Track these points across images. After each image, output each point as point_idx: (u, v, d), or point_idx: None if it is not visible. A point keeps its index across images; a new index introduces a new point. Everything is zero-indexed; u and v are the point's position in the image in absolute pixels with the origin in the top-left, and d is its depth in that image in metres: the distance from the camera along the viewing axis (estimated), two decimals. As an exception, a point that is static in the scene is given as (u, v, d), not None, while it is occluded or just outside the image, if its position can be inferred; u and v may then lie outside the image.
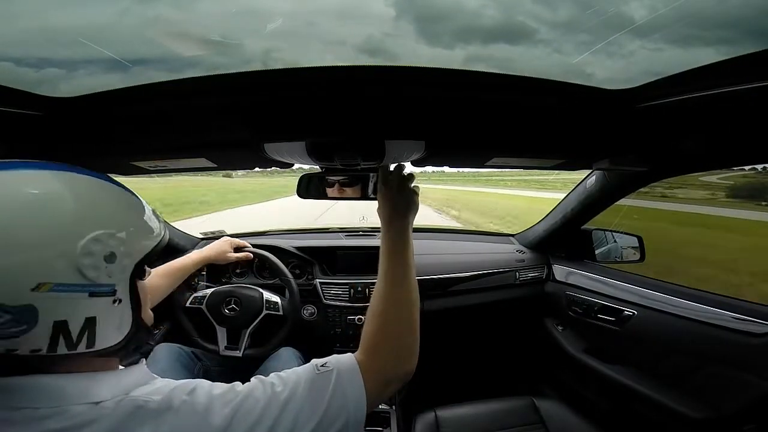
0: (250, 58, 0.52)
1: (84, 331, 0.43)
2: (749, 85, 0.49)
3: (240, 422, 0.45)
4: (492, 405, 1.29)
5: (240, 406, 0.46)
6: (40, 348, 0.41)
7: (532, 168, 1.14)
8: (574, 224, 1.55)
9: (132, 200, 0.51)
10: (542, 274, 1.71)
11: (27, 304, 0.39)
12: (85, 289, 0.42)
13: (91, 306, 0.43)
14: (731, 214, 7.07)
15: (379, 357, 0.56)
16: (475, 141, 0.84)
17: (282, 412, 0.47)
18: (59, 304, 0.41)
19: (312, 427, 0.47)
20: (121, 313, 0.47)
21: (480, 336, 1.87)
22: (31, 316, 0.39)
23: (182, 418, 0.44)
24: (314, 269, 1.62)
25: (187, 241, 1.76)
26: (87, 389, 0.44)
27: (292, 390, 0.49)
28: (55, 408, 0.42)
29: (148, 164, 0.96)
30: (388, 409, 1.40)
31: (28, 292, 0.38)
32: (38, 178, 0.42)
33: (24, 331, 0.39)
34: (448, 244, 1.84)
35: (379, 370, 0.55)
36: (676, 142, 0.83)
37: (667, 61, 0.52)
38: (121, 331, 0.48)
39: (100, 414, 0.42)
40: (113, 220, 0.46)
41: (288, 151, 0.91)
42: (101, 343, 0.45)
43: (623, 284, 1.36)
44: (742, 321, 1.01)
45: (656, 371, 1.24)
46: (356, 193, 1.01)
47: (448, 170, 23.46)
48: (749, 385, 0.99)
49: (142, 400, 0.44)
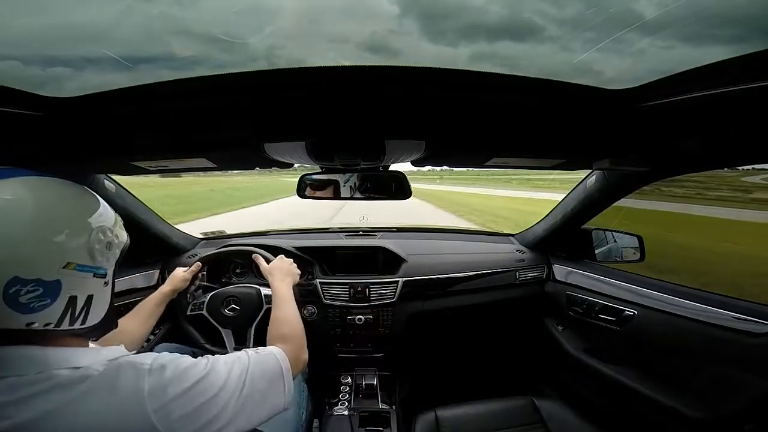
0: (253, 56, 0.53)
1: (84, 308, 0.54)
2: (750, 84, 0.49)
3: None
4: (492, 405, 1.29)
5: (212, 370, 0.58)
6: (51, 322, 0.50)
7: (533, 168, 1.14)
8: (574, 224, 1.55)
9: (105, 204, 0.62)
10: (542, 273, 1.71)
11: (56, 280, 0.49)
12: (92, 270, 0.54)
13: (92, 285, 0.55)
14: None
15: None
16: (475, 141, 0.84)
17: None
18: (76, 281, 0.52)
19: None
20: (106, 294, 0.58)
21: (480, 336, 1.87)
22: (56, 290, 0.49)
23: (168, 376, 0.53)
24: (314, 269, 1.62)
25: (188, 241, 1.76)
26: (68, 357, 0.51)
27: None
28: (40, 374, 0.48)
29: (148, 164, 0.96)
30: (388, 409, 1.40)
31: (59, 269, 0.49)
32: (49, 183, 0.54)
33: (47, 305, 0.49)
34: (448, 244, 1.84)
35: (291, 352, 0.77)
36: (677, 141, 0.83)
37: (668, 61, 0.52)
38: (102, 310, 0.58)
39: (86, 373, 0.50)
40: (108, 216, 0.60)
41: (288, 151, 0.91)
42: (90, 321, 0.55)
43: (624, 284, 1.36)
44: (742, 321, 1.01)
45: (656, 371, 1.24)
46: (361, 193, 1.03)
47: (444, 169, 23.28)
48: (749, 385, 0.99)
49: (138, 361, 0.53)
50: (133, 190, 1.38)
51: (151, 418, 0.49)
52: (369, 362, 1.62)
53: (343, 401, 1.44)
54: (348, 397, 1.47)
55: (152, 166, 0.98)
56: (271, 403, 0.65)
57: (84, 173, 1.10)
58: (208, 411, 0.54)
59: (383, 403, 1.44)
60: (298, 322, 0.92)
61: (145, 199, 1.48)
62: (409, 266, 1.62)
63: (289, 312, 0.95)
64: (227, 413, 0.56)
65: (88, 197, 0.59)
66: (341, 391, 1.50)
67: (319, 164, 1.01)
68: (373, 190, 1.06)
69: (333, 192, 1.08)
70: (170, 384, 0.52)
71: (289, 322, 0.90)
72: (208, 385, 0.55)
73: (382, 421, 1.34)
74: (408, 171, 1.09)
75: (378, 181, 1.06)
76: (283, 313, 0.94)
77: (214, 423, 0.54)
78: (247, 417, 0.60)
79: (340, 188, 1.06)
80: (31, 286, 0.47)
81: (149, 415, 0.49)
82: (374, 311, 1.56)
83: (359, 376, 1.55)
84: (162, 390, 0.51)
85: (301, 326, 0.91)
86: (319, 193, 1.09)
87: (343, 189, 1.06)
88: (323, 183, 1.08)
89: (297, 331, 0.88)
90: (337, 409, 1.39)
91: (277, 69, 0.53)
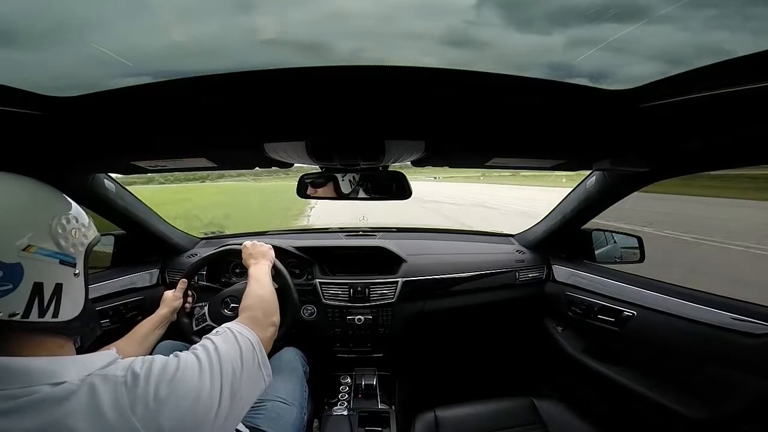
0: (339, 60, 0.52)
1: (53, 298, 0.52)
2: (751, 85, 0.49)
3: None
4: (492, 405, 1.29)
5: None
6: (17, 312, 0.48)
7: (533, 168, 1.14)
8: (573, 224, 1.55)
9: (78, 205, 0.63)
10: (542, 274, 1.70)
11: (16, 263, 0.48)
12: (57, 256, 0.53)
13: (59, 273, 0.53)
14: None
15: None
16: (475, 141, 0.84)
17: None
18: (39, 266, 0.51)
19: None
20: (78, 287, 0.57)
21: (480, 336, 1.87)
22: (18, 274, 0.48)
23: (142, 386, 0.51)
24: (314, 269, 1.62)
25: (187, 241, 1.76)
26: (52, 370, 0.49)
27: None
28: (22, 389, 0.46)
29: (148, 164, 0.96)
30: (387, 409, 1.40)
31: (18, 251, 0.48)
32: (19, 180, 0.55)
33: (9, 291, 0.48)
34: (448, 245, 1.84)
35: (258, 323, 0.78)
36: (677, 142, 0.83)
37: (669, 60, 0.51)
38: (78, 304, 0.57)
39: (68, 389, 0.47)
40: (75, 208, 0.59)
41: (288, 151, 0.91)
42: (63, 315, 0.53)
43: (623, 285, 1.36)
44: (741, 321, 1.01)
45: (656, 371, 1.24)
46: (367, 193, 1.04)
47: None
48: (749, 385, 0.99)
49: (111, 374, 0.51)
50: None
51: (141, 431, 0.47)
52: (368, 362, 1.62)
53: (343, 401, 1.44)
54: (347, 397, 1.47)
55: (152, 166, 0.98)
56: (253, 379, 0.64)
57: (84, 173, 1.11)
58: (197, 410, 0.52)
59: (383, 403, 1.44)
60: (266, 292, 0.94)
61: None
62: (409, 266, 1.62)
63: (255, 287, 0.96)
64: (214, 408, 0.54)
65: (56, 194, 0.59)
66: (341, 391, 1.50)
67: (319, 164, 1.01)
68: (373, 190, 1.06)
69: (333, 191, 1.08)
70: (148, 392, 0.50)
71: (254, 295, 0.91)
72: (188, 383, 0.54)
73: (382, 421, 1.34)
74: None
75: (378, 181, 1.06)
76: (250, 288, 0.95)
77: (206, 419, 0.53)
78: (237, 402, 0.58)
79: (340, 188, 1.07)
80: None
81: (139, 429, 0.47)
82: (374, 311, 1.56)
83: (359, 376, 1.55)
84: (143, 400, 0.49)
85: (269, 295, 0.92)
86: (319, 193, 1.09)
87: (343, 186, 1.06)
88: (323, 183, 1.08)
89: (263, 300, 0.89)
90: (337, 409, 1.39)
91: (277, 69, 0.53)
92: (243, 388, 0.60)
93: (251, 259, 1.16)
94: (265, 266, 1.12)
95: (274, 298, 0.92)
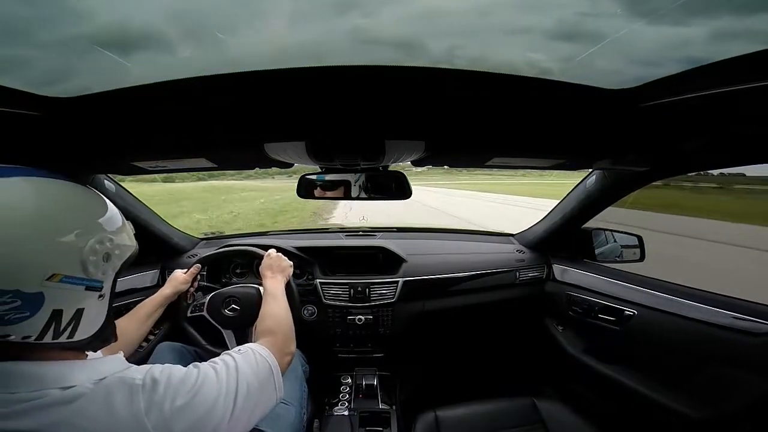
0: (436, 59, 0.50)
1: (71, 322, 0.49)
2: (751, 84, 0.49)
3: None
4: (492, 405, 1.29)
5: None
6: (31, 335, 0.46)
7: (533, 168, 1.14)
8: (574, 224, 1.55)
9: (115, 208, 0.58)
10: (542, 273, 1.70)
11: (38, 292, 0.44)
12: (83, 283, 0.49)
13: (83, 299, 0.50)
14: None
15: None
16: (475, 141, 0.84)
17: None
18: (62, 294, 0.47)
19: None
20: (101, 309, 0.54)
21: (480, 336, 1.87)
22: (37, 303, 0.45)
23: (159, 392, 0.50)
24: (314, 269, 1.62)
25: (188, 241, 1.76)
26: (63, 375, 0.48)
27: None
28: (34, 392, 0.45)
29: (148, 164, 0.96)
30: (388, 409, 1.40)
31: (42, 281, 0.44)
32: (50, 185, 0.50)
33: (25, 318, 0.44)
34: (448, 244, 1.84)
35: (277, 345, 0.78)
36: (677, 141, 0.83)
37: (670, 60, 0.50)
38: (96, 324, 0.54)
39: (78, 392, 0.47)
40: (110, 223, 0.55)
41: (288, 151, 0.91)
42: (79, 335, 0.51)
43: (624, 284, 1.36)
44: (742, 321, 1.01)
45: (656, 371, 1.24)
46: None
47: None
48: (749, 385, 0.99)
49: (128, 377, 0.51)
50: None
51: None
52: (369, 362, 1.62)
53: (344, 401, 1.44)
54: (348, 397, 1.47)
55: (152, 166, 0.98)
56: (266, 400, 0.65)
57: (84, 173, 1.10)
58: (209, 421, 0.54)
59: (383, 403, 1.44)
60: (285, 315, 0.93)
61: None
62: (409, 266, 1.62)
63: (274, 307, 0.96)
64: (226, 419, 0.56)
65: (90, 200, 0.54)
66: (341, 391, 1.49)
67: (319, 164, 1.01)
68: (373, 190, 1.06)
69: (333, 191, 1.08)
70: (166, 399, 0.51)
71: (274, 316, 0.91)
72: (206, 395, 0.55)
73: (382, 421, 1.34)
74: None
75: (378, 180, 1.06)
76: (269, 308, 0.95)
77: (217, 429, 0.54)
78: (247, 418, 0.60)
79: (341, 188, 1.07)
80: (7, 297, 0.42)
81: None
82: (374, 311, 1.56)
83: (359, 376, 1.55)
84: (159, 406, 0.50)
85: (287, 319, 0.91)
86: (319, 193, 1.09)
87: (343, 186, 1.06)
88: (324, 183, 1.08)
89: (282, 325, 0.88)
90: (338, 410, 1.39)
91: (276, 69, 0.53)
92: (255, 406, 0.62)
93: (269, 270, 1.16)
94: (282, 283, 1.11)
95: (291, 322, 0.91)
